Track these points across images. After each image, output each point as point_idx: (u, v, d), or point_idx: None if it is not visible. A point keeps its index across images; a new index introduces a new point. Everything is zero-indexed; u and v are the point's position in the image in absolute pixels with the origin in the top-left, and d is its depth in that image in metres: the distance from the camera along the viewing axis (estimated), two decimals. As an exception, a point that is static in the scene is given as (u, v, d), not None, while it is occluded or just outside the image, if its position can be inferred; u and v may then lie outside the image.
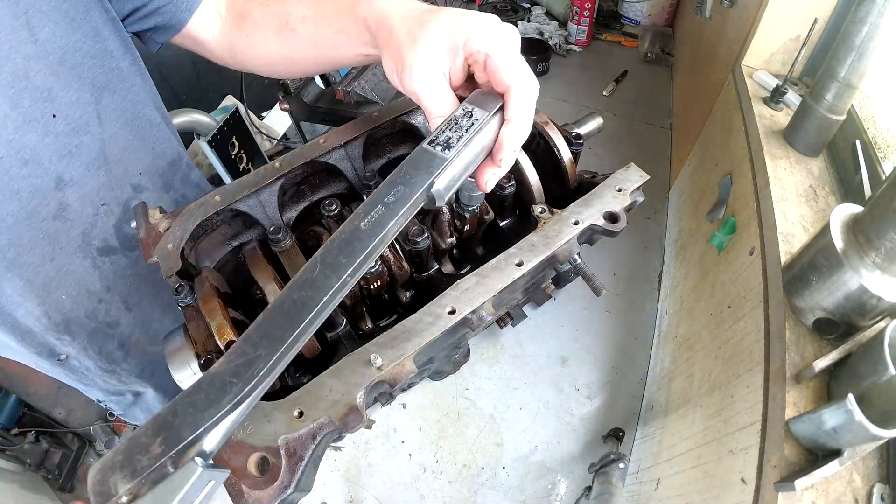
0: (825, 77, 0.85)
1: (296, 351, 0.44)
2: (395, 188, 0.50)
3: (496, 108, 0.55)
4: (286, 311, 0.44)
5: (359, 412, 0.53)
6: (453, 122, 0.54)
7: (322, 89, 2.07)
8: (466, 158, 0.53)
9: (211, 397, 0.41)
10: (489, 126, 0.55)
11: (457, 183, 0.54)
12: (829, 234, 0.62)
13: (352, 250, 0.46)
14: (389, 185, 0.51)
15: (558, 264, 0.72)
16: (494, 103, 0.56)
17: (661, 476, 0.92)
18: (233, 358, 0.42)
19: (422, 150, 0.53)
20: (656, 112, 1.94)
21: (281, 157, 0.79)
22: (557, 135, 0.81)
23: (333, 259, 0.46)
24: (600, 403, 1.16)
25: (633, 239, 1.49)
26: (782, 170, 0.89)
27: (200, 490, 0.40)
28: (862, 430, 0.50)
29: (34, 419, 2.09)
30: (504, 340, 1.26)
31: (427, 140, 0.54)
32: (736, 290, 0.88)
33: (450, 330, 0.61)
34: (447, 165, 0.52)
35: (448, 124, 0.54)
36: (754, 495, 0.60)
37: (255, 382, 0.41)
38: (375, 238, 0.47)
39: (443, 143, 0.53)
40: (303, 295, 0.44)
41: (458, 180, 0.54)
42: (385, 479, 1.04)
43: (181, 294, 0.66)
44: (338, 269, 0.45)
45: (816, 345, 0.66)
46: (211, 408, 0.40)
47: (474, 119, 0.54)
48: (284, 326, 0.43)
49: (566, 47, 2.25)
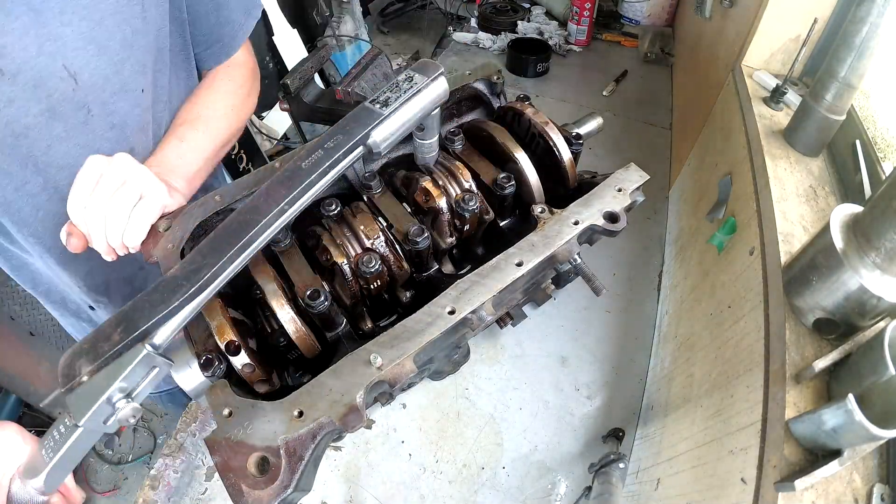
0: (825, 77, 0.85)
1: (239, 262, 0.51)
2: (335, 136, 0.58)
3: (435, 75, 0.62)
4: (232, 229, 0.52)
5: (359, 412, 0.53)
6: (395, 85, 0.62)
7: (322, 89, 2.07)
8: (404, 117, 0.61)
9: (164, 296, 0.47)
10: (428, 90, 0.62)
11: (393, 137, 0.61)
12: (829, 234, 0.62)
13: (290, 184, 0.55)
14: (330, 134, 0.59)
15: (558, 264, 0.72)
16: (434, 70, 0.63)
17: (661, 476, 0.91)
18: (185, 265, 0.49)
19: (363, 107, 0.61)
20: (656, 112, 1.94)
21: (281, 157, 0.79)
22: (557, 135, 0.81)
23: (275, 191, 0.54)
24: (600, 403, 1.16)
25: (633, 239, 1.49)
26: (782, 170, 0.89)
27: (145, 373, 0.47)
28: (862, 430, 0.50)
29: (34, 419, 2.09)
30: (504, 340, 1.26)
31: (369, 99, 0.62)
32: (736, 290, 0.88)
33: (450, 330, 0.61)
34: (383, 120, 0.59)
35: (390, 87, 0.62)
36: (754, 495, 0.60)
37: (201, 286, 0.48)
38: (312, 175, 0.55)
39: (382, 101, 0.61)
40: (246, 218, 0.52)
41: (395, 134, 0.61)
42: (385, 479, 1.04)
43: (181, 294, 0.66)
44: (278, 199, 0.54)
45: (816, 345, 0.66)
46: (163, 304, 0.47)
47: (413, 83, 0.62)
48: (229, 241, 0.51)
49: (566, 47, 2.25)
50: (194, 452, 1.04)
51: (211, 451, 0.52)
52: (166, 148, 0.84)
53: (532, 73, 2.09)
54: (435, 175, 0.80)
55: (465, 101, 0.96)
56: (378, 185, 0.79)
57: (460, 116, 0.98)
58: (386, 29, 3.76)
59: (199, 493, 0.99)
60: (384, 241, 0.72)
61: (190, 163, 0.85)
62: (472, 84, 0.91)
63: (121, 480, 2.30)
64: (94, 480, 2.28)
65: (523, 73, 2.09)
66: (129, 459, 2.35)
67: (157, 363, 0.48)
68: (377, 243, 0.72)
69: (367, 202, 0.79)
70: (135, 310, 0.47)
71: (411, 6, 3.76)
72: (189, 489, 1.00)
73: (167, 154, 0.83)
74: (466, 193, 0.76)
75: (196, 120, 0.90)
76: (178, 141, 0.85)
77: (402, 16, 3.79)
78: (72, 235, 0.70)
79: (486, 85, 0.93)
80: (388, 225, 0.76)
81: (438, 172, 0.81)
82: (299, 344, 0.66)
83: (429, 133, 0.72)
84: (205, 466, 1.03)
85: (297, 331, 0.65)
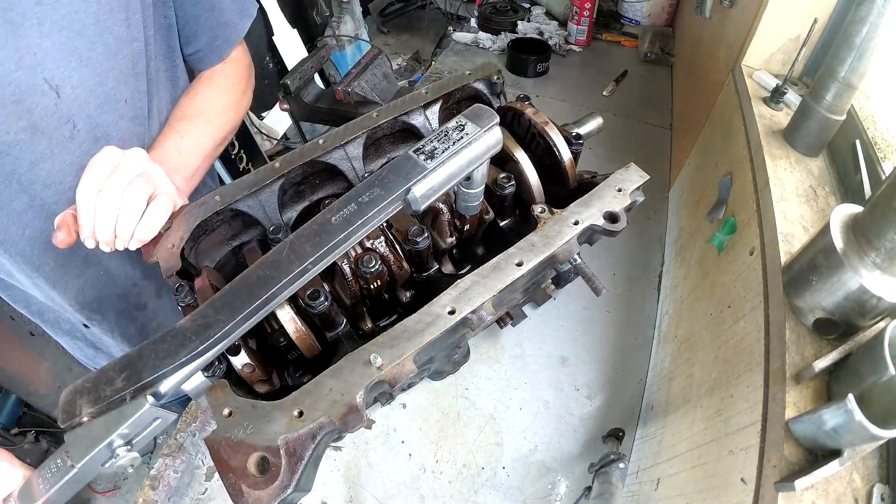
0: (825, 77, 0.85)
1: (253, 322, 0.48)
2: (371, 189, 0.53)
3: (490, 125, 0.56)
4: (249, 285, 0.49)
5: (359, 412, 0.53)
6: (443, 134, 0.56)
7: (322, 89, 2.07)
8: (449, 170, 0.55)
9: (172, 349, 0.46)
10: (479, 141, 0.55)
11: (437, 193, 0.55)
12: (829, 234, 0.62)
13: (318, 241, 0.50)
14: (367, 185, 0.53)
15: (558, 264, 0.72)
16: (489, 120, 0.56)
17: (661, 476, 0.91)
18: (197, 318, 0.47)
19: (405, 157, 0.55)
20: (656, 112, 1.94)
21: (281, 157, 0.79)
22: (557, 135, 0.81)
23: (300, 246, 0.51)
24: (600, 403, 1.16)
25: (633, 239, 1.49)
26: (782, 170, 0.89)
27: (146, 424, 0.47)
28: (862, 430, 0.50)
29: (34, 419, 2.09)
30: (504, 340, 1.26)
31: (414, 147, 0.55)
32: (736, 290, 0.88)
33: (450, 330, 0.61)
34: (427, 175, 0.53)
35: (438, 135, 0.56)
36: (754, 495, 0.60)
37: (211, 343, 0.47)
38: (342, 233, 0.51)
39: (428, 152, 0.54)
40: (266, 273, 0.49)
41: (439, 191, 0.55)
42: (385, 479, 1.04)
43: (181, 294, 0.66)
44: (302, 257, 0.50)
45: (816, 345, 0.66)
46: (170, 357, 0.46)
47: (464, 133, 0.55)
48: (244, 298, 0.48)
49: (566, 47, 2.24)
50: (194, 452, 1.04)
51: (211, 451, 0.52)
52: (166, 144, 0.82)
53: (532, 73, 2.09)
54: None
55: (465, 101, 0.96)
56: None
57: (460, 116, 0.98)
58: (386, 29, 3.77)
59: (199, 493, 0.99)
60: (384, 241, 0.72)
61: (189, 160, 0.84)
62: (472, 84, 0.91)
63: (121, 480, 2.30)
64: (94, 480, 2.28)
65: (523, 73, 2.09)
66: (129, 459, 2.34)
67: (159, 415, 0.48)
68: (377, 243, 0.72)
69: None
70: (140, 358, 0.47)
71: (411, 6, 3.76)
72: (189, 489, 1.00)
73: (167, 150, 0.81)
74: None
75: (195, 116, 0.88)
76: (177, 137, 0.83)
77: (402, 16, 3.80)
78: (59, 229, 0.65)
79: (486, 85, 0.93)
80: (388, 225, 0.76)
81: None
82: (299, 344, 0.66)
83: (475, 184, 0.65)
84: (205, 466, 1.03)
85: (297, 331, 0.65)
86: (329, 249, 0.51)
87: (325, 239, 0.51)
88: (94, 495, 2.24)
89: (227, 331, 0.47)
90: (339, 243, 0.51)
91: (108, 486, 2.27)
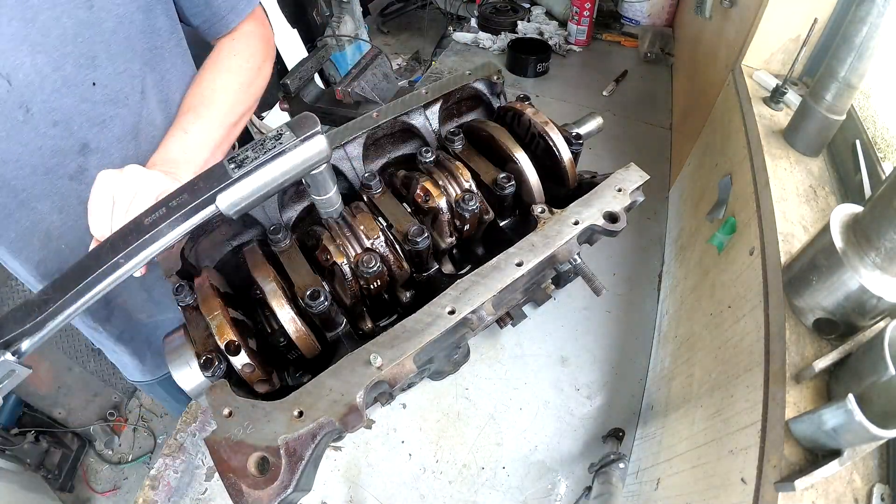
0: (825, 77, 0.85)
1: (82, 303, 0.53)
2: (181, 194, 0.54)
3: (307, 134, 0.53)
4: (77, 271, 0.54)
5: (359, 412, 0.53)
6: (260, 143, 0.55)
7: (322, 89, 2.07)
8: (260, 180, 0.54)
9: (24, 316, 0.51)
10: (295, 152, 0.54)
11: (247, 201, 0.55)
12: (829, 234, 0.62)
13: (130, 239, 0.54)
14: (179, 190, 0.55)
15: (558, 264, 0.72)
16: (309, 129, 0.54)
17: (661, 476, 0.91)
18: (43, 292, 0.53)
19: (220, 164, 0.55)
20: (656, 112, 1.94)
21: (281, 157, 0.79)
22: (557, 135, 0.81)
23: (117, 242, 0.54)
24: (600, 403, 1.16)
25: (633, 239, 1.49)
26: (782, 170, 0.89)
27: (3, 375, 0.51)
28: (862, 430, 0.50)
29: (34, 419, 2.09)
30: (504, 340, 1.26)
31: (230, 155, 0.55)
32: (736, 290, 0.88)
33: (450, 330, 0.61)
34: (232, 184, 0.53)
35: (256, 143, 0.55)
36: (754, 495, 0.60)
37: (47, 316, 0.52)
38: (149, 233, 0.54)
39: (239, 161, 0.54)
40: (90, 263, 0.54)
41: (250, 199, 0.55)
42: (385, 479, 1.04)
43: (181, 294, 0.66)
44: (117, 250, 0.54)
45: (816, 345, 0.66)
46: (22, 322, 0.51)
47: (279, 143, 0.54)
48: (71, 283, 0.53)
49: (566, 47, 2.25)
50: (194, 452, 1.04)
51: (211, 451, 0.52)
52: (170, 142, 0.83)
53: (532, 73, 2.09)
54: (435, 175, 0.80)
55: (465, 101, 0.96)
56: (378, 185, 0.79)
57: (460, 116, 0.98)
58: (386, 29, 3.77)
59: (199, 493, 0.99)
60: (384, 241, 0.72)
61: (195, 156, 0.83)
62: (472, 84, 0.91)
63: (121, 480, 2.30)
64: (93, 480, 2.28)
65: (523, 73, 2.09)
66: (129, 459, 2.35)
67: (16, 370, 0.52)
68: (377, 243, 0.72)
69: (367, 202, 0.79)
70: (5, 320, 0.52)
71: (411, 6, 3.76)
72: (189, 489, 1.00)
73: (171, 148, 0.82)
74: (466, 193, 0.76)
75: (200, 106, 0.87)
76: (182, 133, 0.83)
77: (402, 16, 3.80)
78: None
79: (486, 85, 0.93)
80: (388, 225, 0.76)
81: (438, 172, 0.81)
82: (299, 344, 0.66)
83: (319, 190, 0.63)
84: (205, 466, 1.03)
85: (297, 331, 0.65)
86: (138, 247, 0.54)
87: (136, 238, 0.54)
88: (94, 495, 2.24)
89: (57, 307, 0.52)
90: (148, 242, 0.54)
91: (108, 487, 2.27)
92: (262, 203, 0.73)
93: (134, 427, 2.42)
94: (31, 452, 2.01)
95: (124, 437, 2.39)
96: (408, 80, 2.48)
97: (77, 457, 2.21)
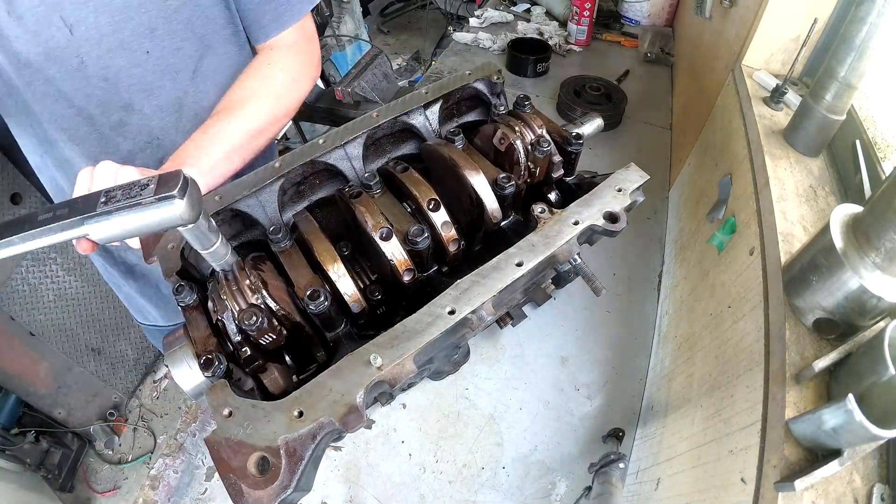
0: (825, 77, 0.85)
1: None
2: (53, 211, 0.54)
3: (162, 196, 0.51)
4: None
5: (359, 412, 0.53)
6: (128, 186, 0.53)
7: (322, 89, 2.07)
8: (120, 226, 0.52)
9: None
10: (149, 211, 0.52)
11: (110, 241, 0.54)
12: (829, 234, 0.62)
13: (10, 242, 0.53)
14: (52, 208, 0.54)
15: (558, 264, 0.72)
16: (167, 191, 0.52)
17: (661, 476, 0.92)
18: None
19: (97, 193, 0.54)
20: (656, 112, 1.94)
21: (281, 157, 0.79)
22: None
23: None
24: (600, 403, 1.16)
25: (633, 239, 1.49)
26: (782, 170, 0.89)
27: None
28: (862, 430, 0.50)
29: (34, 419, 2.09)
30: (504, 340, 1.26)
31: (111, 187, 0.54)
32: (736, 290, 0.88)
33: (450, 330, 0.61)
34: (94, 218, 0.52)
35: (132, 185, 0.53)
36: (754, 495, 0.60)
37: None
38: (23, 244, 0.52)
39: (111, 196, 0.53)
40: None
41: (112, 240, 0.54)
42: (385, 479, 1.04)
43: (181, 294, 0.66)
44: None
45: (816, 345, 0.66)
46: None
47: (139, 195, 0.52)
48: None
49: (566, 47, 2.24)
50: (194, 452, 1.04)
51: (211, 451, 0.52)
52: (189, 140, 0.86)
53: (532, 73, 2.09)
54: (511, 122, 0.84)
55: (465, 100, 0.96)
56: (378, 186, 0.79)
57: (460, 116, 0.98)
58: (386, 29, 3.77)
59: (199, 493, 0.99)
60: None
61: (210, 154, 0.84)
62: (472, 84, 0.91)
63: (121, 480, 2.30)
64: (94, 480, 2.28)
65: (523, 73, 2.09)
66: (129, 459, 2.35)
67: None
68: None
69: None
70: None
71: (411, 6, 3.76)
72: (189, 489, 1.00)
73: (187, 146, 0.85)
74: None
75: (226, 109, 0.90)
76: (201, 132, 0.87)
77: (402, 16, 3.80)
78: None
79: (486, 85, 0.93)
80: (388, 225, 0.75)
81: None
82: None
83: (196, 244, 0.61)
84: (205, 466, 1.03)
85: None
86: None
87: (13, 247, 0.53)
88: (94, 495, 2.24)
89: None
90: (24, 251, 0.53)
91: (108, 487, 2.27)
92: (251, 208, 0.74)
93: (134, 427, 2.42)
94: (31, 452, 2.01)
95: (124, 437, 2.39)
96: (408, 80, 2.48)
97: (77, 457, 2.21)
